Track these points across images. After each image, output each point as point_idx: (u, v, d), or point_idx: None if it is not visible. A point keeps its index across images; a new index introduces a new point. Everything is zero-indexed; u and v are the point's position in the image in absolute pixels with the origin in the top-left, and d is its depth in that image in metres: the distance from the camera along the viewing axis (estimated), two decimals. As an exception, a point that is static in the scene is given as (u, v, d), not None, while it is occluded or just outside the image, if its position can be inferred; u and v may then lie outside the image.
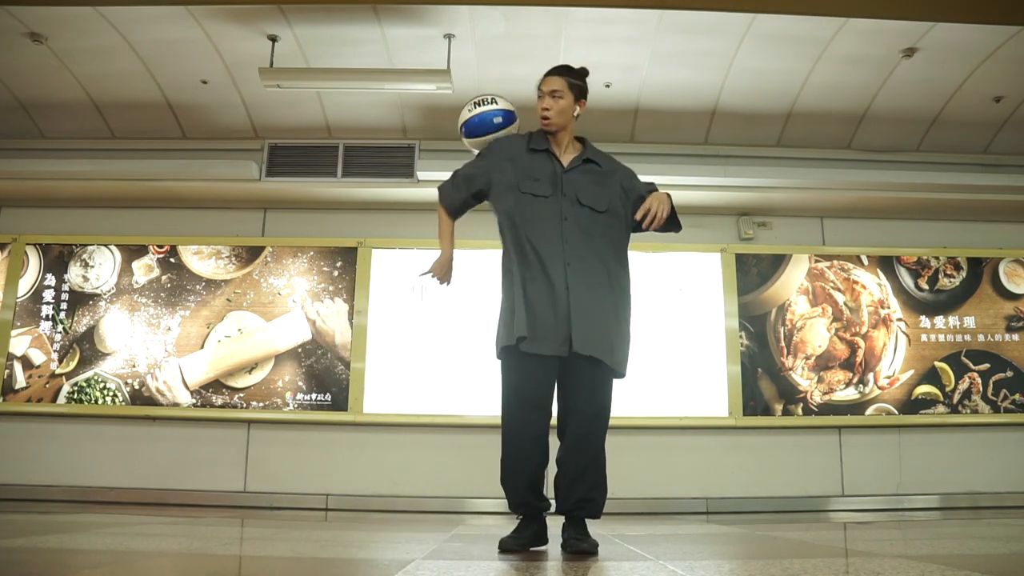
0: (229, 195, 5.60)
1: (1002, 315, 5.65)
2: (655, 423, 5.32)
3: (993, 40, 4.60)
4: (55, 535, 2.69)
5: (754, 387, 5.45)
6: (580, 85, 2.64)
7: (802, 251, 5.68)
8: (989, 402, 5.48)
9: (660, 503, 5.18)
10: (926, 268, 5.69)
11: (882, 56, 4.79)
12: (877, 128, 5.46)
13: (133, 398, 5.42)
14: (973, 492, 5.31)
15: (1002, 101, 5.21)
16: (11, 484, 5.24)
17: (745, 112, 5.34)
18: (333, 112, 5.38)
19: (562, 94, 2.59)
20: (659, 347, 5.43)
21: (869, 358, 5.52)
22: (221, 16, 4.49)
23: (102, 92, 5.22)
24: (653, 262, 5.59)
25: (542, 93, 2.62)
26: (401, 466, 5.30)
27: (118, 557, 2.18)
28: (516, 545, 2.44)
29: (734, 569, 2.11)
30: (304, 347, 5.49)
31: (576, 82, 2.63)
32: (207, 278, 5.61)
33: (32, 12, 4.44)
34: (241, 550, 2.49)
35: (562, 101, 2.59)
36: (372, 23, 4.54)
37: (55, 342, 5.53)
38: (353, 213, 5.71)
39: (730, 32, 4.61)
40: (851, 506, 5.26)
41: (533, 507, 2.50)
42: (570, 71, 2.65)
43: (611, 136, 5.53)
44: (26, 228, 5.74)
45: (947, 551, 2.38)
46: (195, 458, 5.35)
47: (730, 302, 5.56)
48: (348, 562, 2.27)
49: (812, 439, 5.43)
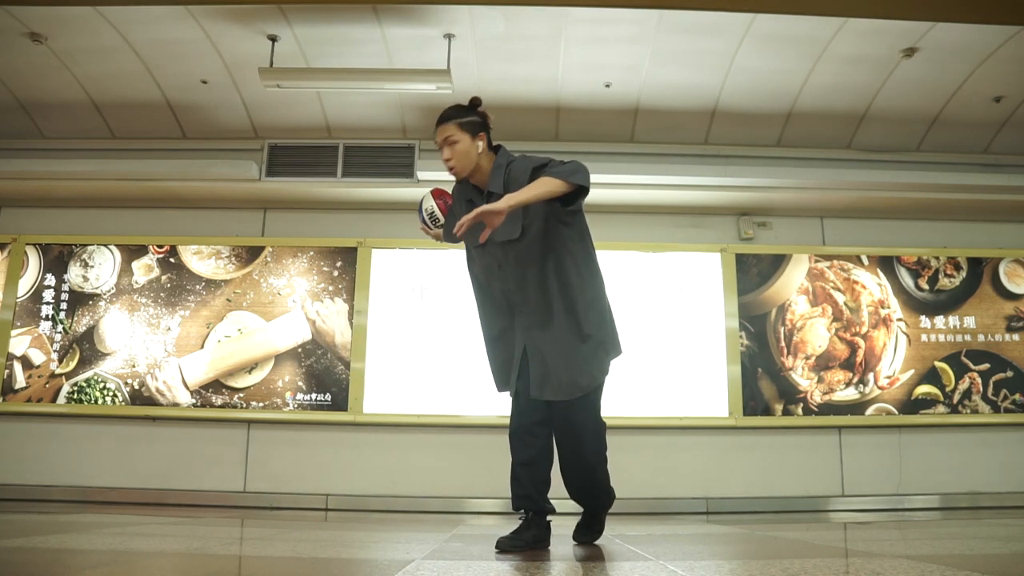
0: (229, 195, 5.60)
1: (1002, 315, 5.65)
2: (655, 423, 5.32)
3: (993, 40, 4.60)
4: (55, 535, 2.69)
5: (754, 387, 5.45)
6: (472, 120, 2.54)
7: (802, 251, 5.68)
8: (989, 402, 5.48)
9: (660, 503, 5.18)
10: (926, 268, 5.69)
11: (882, 56, 4.79)
12: (877, 128, 5.46)
13: (133, 398, 5.42)
14: (973, 492, 5.31)
15: (1002, 101, 5.21)
16: (11, 484, 5.24)
17: (745, 112, 5.34)
18: (333, 112, 5.38)
19: (456, 138, 2.51)
20: (659, 347, 5.43)
21: (869, 358, 5.52)
22: (221, 16, 4.49)
23: (102, 92, 5.22)
24: (653, 262, 5.59)
25: (439, 145, 2.55)
26: (401, 466, 5.30)
27: (118, 557, 2.18)
28: (511, 545, 2.45)
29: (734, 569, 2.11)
30: (304, 347, 5.49)
31: (466, 120, 2.54)
32: (207, 278, 5.61)
33: (32, 12, 4.44)
34: (241, 550, 2.49)
35: (459, 146, 2.51)
36: (372, 23, 4.54)
37: (55, 342, 5.53)
38: (353, 213, 5.71)
39: (730, 32, 4.61)
40: (851, 506, 5.26)
41: (535, 503, 2.52)
42: (456, 112, 2.56)
43: (611, 136, 5.54)
44: (26, 228, 5.74)
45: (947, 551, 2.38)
46: (195, 458, 5.35)
47: (730, 302, 5.56)
48: (348, 562, 2.27)
49: (812, 439, 5.43)
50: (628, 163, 5.35)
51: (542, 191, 2.34)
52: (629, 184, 5.33)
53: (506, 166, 2.54)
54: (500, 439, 2.72)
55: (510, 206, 2.30)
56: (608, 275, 2.68)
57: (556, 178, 2.36)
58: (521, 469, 2.55)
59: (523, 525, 2.52)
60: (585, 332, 2.51)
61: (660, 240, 5.65)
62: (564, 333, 2.50)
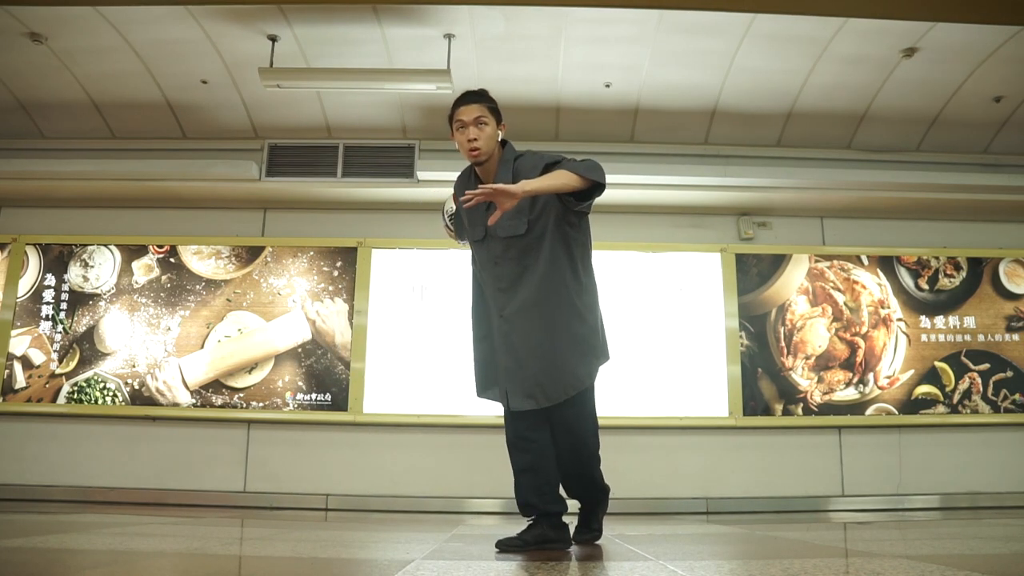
0: (229, 195, 5.60)
1: (1002, 315, 5.65)
2: (655, 423, 5.31)
3: (993, 40, 4.60)
4: (55, 535, 2.69)
5: (754, 387, 5.45)
6: (498, 109, 2.56)
7: (802, 251, 5.68)
8: (989, 402, 5.48)
9: (660, 503, 5.18)
10: (926, 268, 5.69)
11: (882, 56, 4.79)
12: (877, 128, 5.46)
13: (133, 398, 5.42)
14: (973, 492, 5.30)
15: (1002, 101, 5.21)
16: (11, 484, 5.24)
17: (745, 112, 5.34)
18: (333, 112, 5.38)
19: (486, 120, 2.49)
20: (659, 347, 5.43)
21: (869, 358, 5.52)
22: (221, 16, 4.49)
23: (102, 92, 5.22)
24: (653, 262, 5.59)
25: (463, 123, 2.49)
26: (401, 466, 5.30)
27: (118, 557, 2.18)
28: (512, 545, 2.45)
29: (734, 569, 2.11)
30: (304, 347, 5.49)
31: (495, 106, 2.55)
32: (207, 278, 5.61)
33: (32, 12, 4.44)
34: (241, 550, 2.49)
35: (488, 128, 2.49)
36: (372, 23, 4.54)
37: (55, 342, 5.53)
38: (353, 213, 5.71)
39: (730, 32, 4.61)
40: (851, 506, 5.26)
41: (537, 508, 2.53)
42: (487, 96, 2.56)
43: (611, 136, 5.54)
44: (26, 228, 5.74)
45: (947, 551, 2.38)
46: (195, 458, 5.35)
47: (730, 302, 5.56)
48: (348, 562, 2.27)
49: (812, 439, 5.43)
50: (628, 163, 5.35)
51: (558, 183, 2.33)
52: (629, 184, 5.32)
53: (513, 161, 2.54)
54: (500, 439, 2.73)
55: (525, 191, 2.29)
56: (608, 275, 2.71)
57: (573, 172, 2.35)
58: (521, 477, 2.57)
59: (528, 526, 2.54)
60: (578, 335, 2.50)
61: (660, 240, 5.65)
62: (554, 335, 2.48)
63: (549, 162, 2.46)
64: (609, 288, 2.68)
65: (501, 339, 2.54)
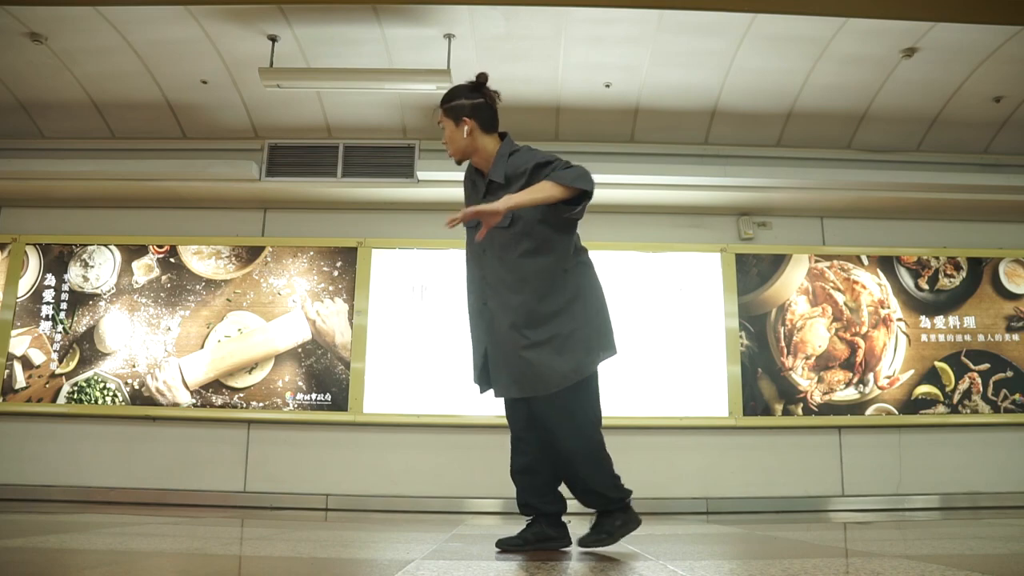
0: (229, 195, 5.60)
1: (1002, 315, 5.65)
2: (655, 423, 5.31)
3: (993, 40, 4.60)
4: (55, 535, 2.69)
5: (754, 387, 5.45)
6: (455, 106, 2.53)
7: (802, 251, 5.68)
8: (989, 402, 5.48)
9: (660, 503, 5.18)
10: (926, 268, 5.69)
11: (882, 56, 4.79)
12: (877, 128, 5.46)
13: (133, 398, 5.42)
14: (973, 492, 5.30)
15: (1002, 101, 5.21)
16: (11, 484, 5.24)
17: (745, 112, 5.34)
18: (333, 112, 5.38)
19: (443, 123, 2.55)
20: (659, 347, 5.43)
21: (869, 358, 5.52)
22: (221, 16, 4.49)
23: (102, 92, 5.22)
24: (653, 262, 5.59)
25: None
26: (401, 466, 5.30)
27: (118, 557, 2.18)
28: (509, 544, 2.45)
29: (734, 569, 2.11)
30: (304, 347, 5.49)
31: (450, 105, 2.54)
32: (207, 278, 5.61)
33: (32, 12, 4.44)
34: (241, 550, 2.49)
35: (446, 131, 2.55)
36: (372, 23, 4.54)
37: (55, 342, 5.53)
38: (353, 213, 5.71)
39: (730, 32, 4.61)
40: (851, 506, 5.26)
41: (535, 509, 2.53)
42: (448, 96, 2.57)
43: (611, 136, 5.54)
44: (26, 228, 5.74)
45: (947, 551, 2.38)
46: (195, 458, 5.35)
47: (730, 302, 5.56)
48: (348, 562, 2.27)
49: (812, 439, 5.43)
50: (628, 163, 5.35)
51: (542, 196, 2.33)
52: (629, 184, 5.33)
53: (508, 156, 2.53)
54: (500, 439, 2.73)
55: (508, 207, 2.31)
56: (608, 275, 2.68)
57: (559, 183, 2.34)
58: (518, 477, 2.56)
59: (528, 525, 2.54)
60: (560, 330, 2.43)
61: (660, 240, 5.65)
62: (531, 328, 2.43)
63: (539, 162, 2.45)
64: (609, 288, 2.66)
65: (485, 328, 2.56)
